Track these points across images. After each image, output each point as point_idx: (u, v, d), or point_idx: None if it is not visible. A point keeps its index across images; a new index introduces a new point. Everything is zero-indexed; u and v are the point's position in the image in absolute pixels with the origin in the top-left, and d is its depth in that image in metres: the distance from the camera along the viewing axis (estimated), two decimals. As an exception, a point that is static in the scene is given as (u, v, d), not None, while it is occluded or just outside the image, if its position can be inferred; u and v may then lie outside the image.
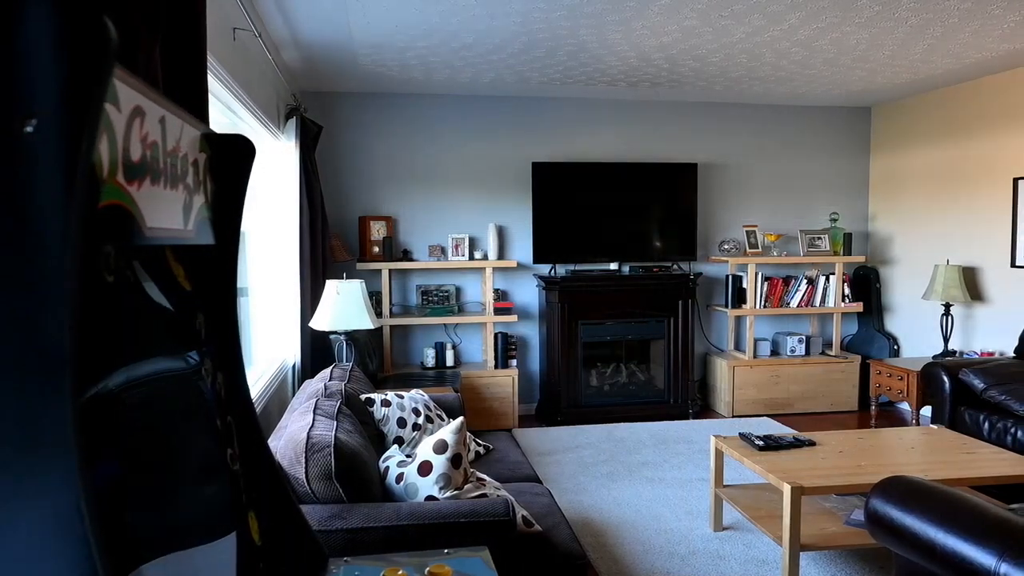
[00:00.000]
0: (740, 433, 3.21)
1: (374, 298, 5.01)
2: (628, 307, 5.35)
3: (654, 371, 5.54)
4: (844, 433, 3.34)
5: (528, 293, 5.55)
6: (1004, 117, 4.67)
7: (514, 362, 5.29)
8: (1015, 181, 4.58)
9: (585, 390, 5.36)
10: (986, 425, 3.66)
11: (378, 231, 5.22)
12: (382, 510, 1.95)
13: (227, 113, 3.17)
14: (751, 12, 3.45)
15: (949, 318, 4.99)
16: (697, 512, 3.48)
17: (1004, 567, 1.61)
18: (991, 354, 4.49)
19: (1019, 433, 3.47)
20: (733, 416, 5.40)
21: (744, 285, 5.49)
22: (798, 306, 5.54)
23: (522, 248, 5.52)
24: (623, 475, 4.05)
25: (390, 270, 5.12)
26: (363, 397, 2.88)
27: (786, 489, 2.60)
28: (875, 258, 5.93)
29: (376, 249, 5.19)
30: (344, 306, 3.77)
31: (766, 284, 5.51)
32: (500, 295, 5.43)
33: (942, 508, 1.84)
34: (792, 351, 5.55)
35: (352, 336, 3.96)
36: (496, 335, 5.25)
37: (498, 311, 5.27)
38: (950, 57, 4.30)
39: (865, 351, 5.77)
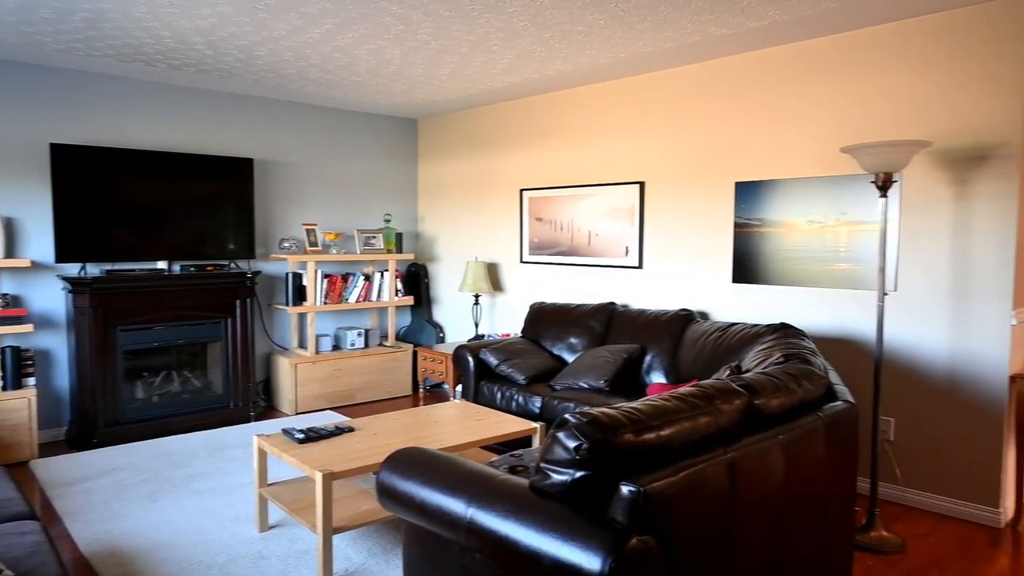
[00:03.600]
0: (283, 429, 3.22)
1: None
2: (179, 309, 4.94)
3: (212, 376, 5.22)
4: (382, 416, 3.61)
5: (50, 298, 4.70)
6: (512, 138, 5.63)
7: (32, 380, 4.43)
8: (521, 191, 5.56)
9: (128, 405, 4.77)
10: (499, 395, 4.35)
11: None
12: None
13: None
14: (287, 9, 3.48)
15: (479, 307, 5.81)
16: (244, 517, 3.38)
17: (471, 511, 1.91)
18: (507, 335, 5.37)
19: (520, 399, 4.21)
20: (297, 413, 5.41)
21: (305, 283, 5.54)
22: (356, 301, 5.83)
23: (41, 245, 4.64)
24: (167, 492, 3.71)
25: None
26: None
27: (318, 477, 2.68)
28: (424, 256, 6.58)
29: None
30: None
31: (326, 281, 5.65)
32: (9, 301, 4.48)
33: (429, 471, 2.10)
34: (352, 344, 5.82)
35: None
36: (4, 349, 4.32)
37: (5, 320, 4.34)
38: (468, 82, 5.00)
39: (417, 340, 6.37)
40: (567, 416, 1.84)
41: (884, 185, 3.10)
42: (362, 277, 5.87)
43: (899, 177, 3.58)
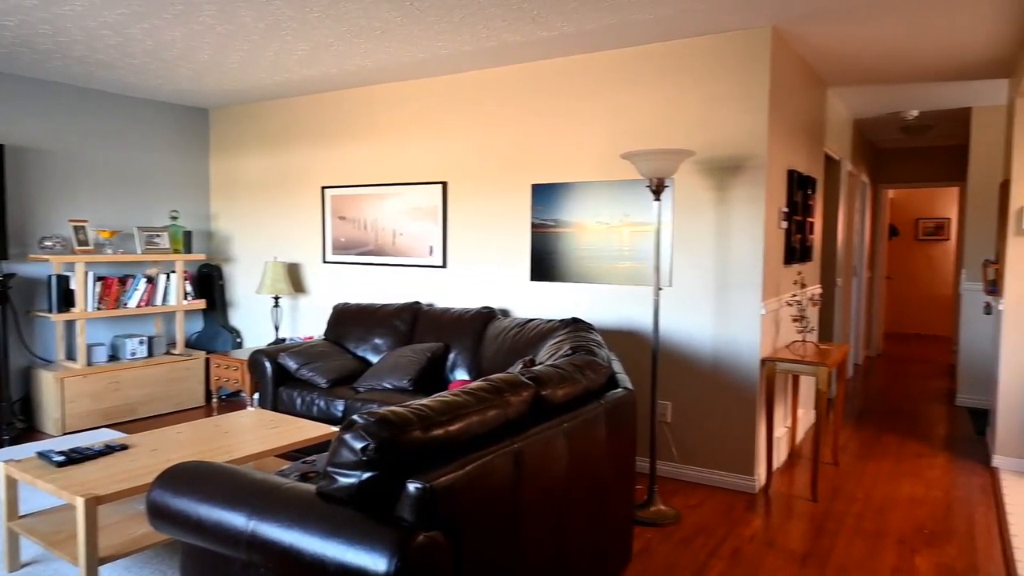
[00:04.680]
0: (38, 452, 2.83)
1: None
2: (-96, 319, 4.16)
3: (-49, 396, 4.47)
4: (165, 430, 3.31)
5: None
6: (314, 133, 5.43)
7: None
8: (323, 189, 5.38)
9: None
10: (299, 400, 4.17)
11: None
12: None
13: None
14: (38, -23, 3.07)
15: (279, 309, 5.54)
16: (-10, 556, 2.93)
17: (253, 523, 1.80)
18: (310, 338, 5.17)
19: (322, 403, 4.07)
20: (65, 433, 4.80)
21: (73, 286, 4.93)
22: (138, 306, 5.29)
23: None
24: None
25: None
26: None
27: (79, 503, 2.39)
28: (217, 256, 6.14)
29: None
30: None
31: (100, 284, 5.07)
32: None
33: (208, 486, 1.95)
34: (133, 354, 5.28)
35: None
36: None
37: None
38: (262, 72, 4.74)
39: (211, 346, 5.92)
40: (354, 417, 1.81)
41: (658, 189, 3.40)
42: (144, 279, 5.34)
43: (671, 183, 3.95)
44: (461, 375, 4.20)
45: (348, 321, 4.76)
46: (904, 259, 10.29)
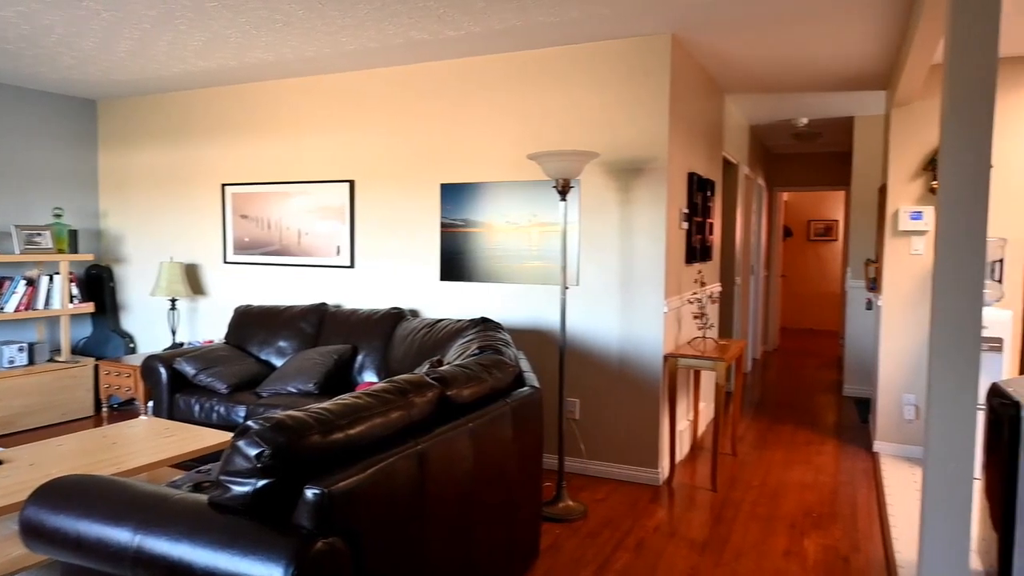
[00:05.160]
0: None
1: None
2: None
3: None
4: (46, 443, 3.09)
5: None
6: (213, 129, 5.20)
7: None
8: (223, 187, 5.16)
9: None
10: (197, 407, 3.99)
11: None
12: None
13: None
14: None
15: (176, 312, 5.27)
16: None
17: (139, 538, 1.71)
18: (210, 342, 4.96)
19: (222, 409, 3.91)
20: (-69, 450, 4.39)
21: (-61, 289, 4.52)
22: (16, 310, 4.91)
23: None
24: None
25: None
26: None
27: (-58, 525, 2.20)
28: (108, 256, 5.78)
29: None
30: None
31: (-29, 287, 4.68)
32: None
33: (89, 500, 1.83)
34: (11, 362, 4.89)
35: None
36: None
37: None
38: (155, 63, 4.50)
39: (101, 352, 5.58)
40: (248, 422, 1.74)
41: (564, 190, 3.45)
42: (23, 281, 4.96)
43: (577, 184, 4.03)
44: (369, 377, 4.13)
45: (251, 324, 4.59)
46: (797, 258, 10.89)
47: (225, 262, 5.21)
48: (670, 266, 3.96)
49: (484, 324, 3.69)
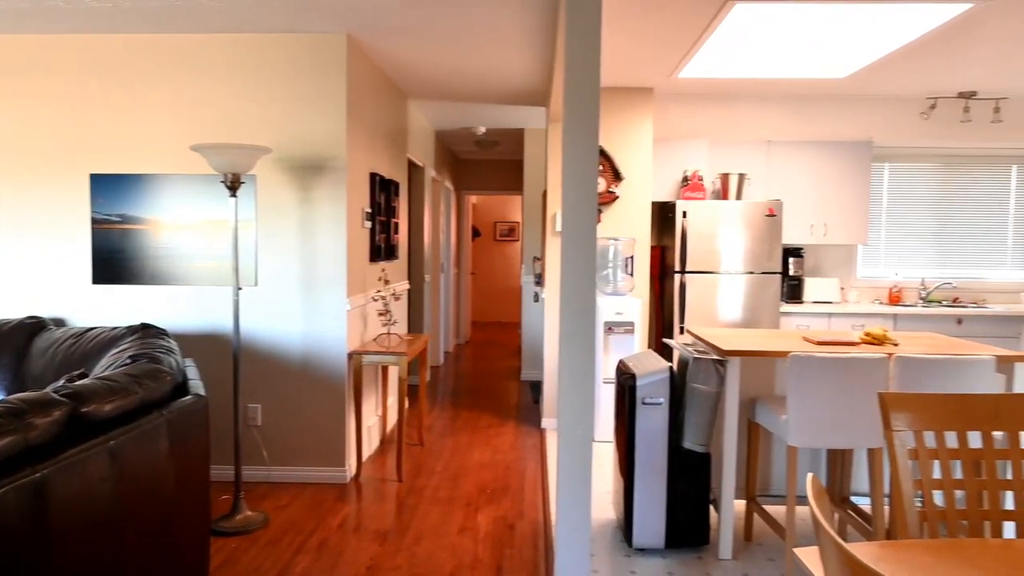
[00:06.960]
0: None
1: None
2: None
3: None
4: None
5: None
6: None
7: None
8: None
9: None
10: None
11: None
12: None
13: None
14: None
15: None
16: None
17: None
18: None
19: None
20: None
21: None
22: None
23: None
24: None
25: None
26: None
27: None
28: None
29: None
30: None
31: None
32: None
33: None
34: None
35: None
36: None
37: None
38: None
39: None
40: None
41: (233, 186, 3.27)
42: None
43: (252, 179, 3.85)
44: (-3, 400, 3.47)
45: None
46: (485, 257, 11.76)
47: None
48: (353, 265, 3.99)
49: (145, 331, 3.33)
